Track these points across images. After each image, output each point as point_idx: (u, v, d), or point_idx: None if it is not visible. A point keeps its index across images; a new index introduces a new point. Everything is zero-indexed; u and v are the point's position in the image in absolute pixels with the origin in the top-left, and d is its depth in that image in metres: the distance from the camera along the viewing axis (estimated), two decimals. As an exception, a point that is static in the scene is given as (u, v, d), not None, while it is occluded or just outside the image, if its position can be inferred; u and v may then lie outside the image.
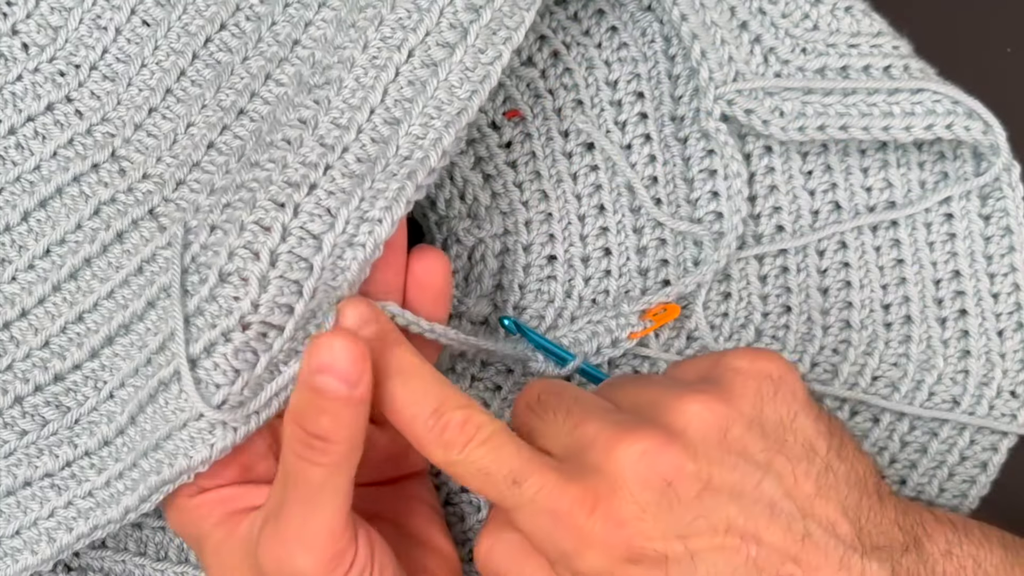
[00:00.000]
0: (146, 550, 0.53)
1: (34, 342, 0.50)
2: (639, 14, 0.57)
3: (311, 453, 0.43)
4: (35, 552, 0.48)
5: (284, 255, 0.44)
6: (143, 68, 0.52)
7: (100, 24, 0.52)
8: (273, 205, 0.45)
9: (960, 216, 0.55)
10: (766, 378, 0.46)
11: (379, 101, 0.46)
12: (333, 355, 0.42)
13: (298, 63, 0.51)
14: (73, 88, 0.52)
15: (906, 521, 0.47)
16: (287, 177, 0.45)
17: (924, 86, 0.53)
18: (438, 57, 0.46)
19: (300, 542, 0.44)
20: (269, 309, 0.44)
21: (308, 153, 0.45)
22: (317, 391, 0.42)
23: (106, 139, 0.51)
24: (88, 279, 0.50)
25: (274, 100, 0.51)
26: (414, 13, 0.47)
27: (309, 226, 0.44)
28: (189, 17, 0.52)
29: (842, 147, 0.56)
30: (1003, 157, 0.53)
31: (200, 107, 0.51)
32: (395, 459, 0.51)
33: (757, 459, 0.44)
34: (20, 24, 0.51)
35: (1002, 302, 0.55)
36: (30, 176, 0.51)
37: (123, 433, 0.48)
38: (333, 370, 0.42)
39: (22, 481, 0.49)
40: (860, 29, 0.54)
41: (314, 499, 0.43)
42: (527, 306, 0.56)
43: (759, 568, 0.44)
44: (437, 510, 0.52)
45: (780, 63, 0.55)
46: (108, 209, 0.51)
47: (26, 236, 0.51)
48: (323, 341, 0.42)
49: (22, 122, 0.51)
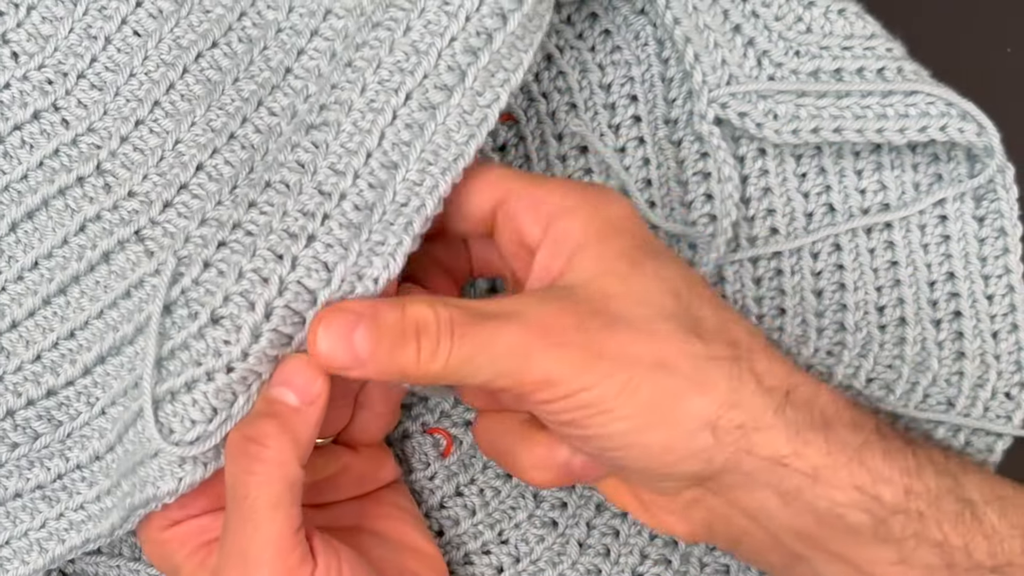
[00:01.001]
0: (141, 555, 0.54)
1: (26, 355, 0.50)
2: (632, 17, 0.57)
3: (245, 460, 0.43)
4: (26, 562, 0.48)
5: (279, 309, 0.44)
6: (131, 78, 0.52)
7: (91, 33, 0.52)
8: (272, 256, 0.45)
9: (954, 218, 0.55)
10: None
11: (376, 145, 0.46)
12: (294, 373, 0.44)
13: (291, 94, 0.51)
14: (60, 96, 0.51)
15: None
16: (286, 226, 0.45)
17: (918, 88, 0.53)
18: (436, 100, 0.46)
19: (245, 563, 0.43)
20: (258, 359, 0.44)
21: (307, 201, 0.45)
22: (269, 401, 0.44)
23: (91, 150, 0.51)
24: (77, 296, 0.50)
25: (266, 129, 0.50)
26: (412, 56, 0.46)
27: (305, 281, 0.44)
28: (182, 31, 0.52)
29: (836, 149, 0.56)
30: (997, 159, 0.53)
31: (189, 124, 0.51)
32: (368, 476, 0.52)
33: None
34: (10, 33, 0.51)
35: (997, 304, 0.55)
36: (18, 185, 0.51)
37: (112, 450, 0.48)
38: (292, 384, 0.44)
39: (12, 492, 0.49)
40: (853, 32, 0.54)
41: (252, 515, 0.43)
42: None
43: None
44: (415, 514, 0.53)
45: (774, 66, 0.55)
46: (94, 227, 0.51)
47: (14, 247, 0.51)
48: (290, 359, 0.44)
49: (9, 130, 0.51)
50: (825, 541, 0.45)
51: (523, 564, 0.55)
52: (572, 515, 0.56)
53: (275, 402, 0.44)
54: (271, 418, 0.43)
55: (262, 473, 0.43)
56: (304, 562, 0.44)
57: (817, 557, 0.46)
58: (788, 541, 0.45)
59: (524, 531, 0.55)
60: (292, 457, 0.43)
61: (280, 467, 0.43)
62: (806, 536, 0.45)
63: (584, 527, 0.55)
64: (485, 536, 0.55)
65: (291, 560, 0.44)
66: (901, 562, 0.45)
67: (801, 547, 0.45)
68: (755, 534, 0.46)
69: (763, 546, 0.46)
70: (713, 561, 0.56)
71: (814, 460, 0.44)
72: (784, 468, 0.44)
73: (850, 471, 0.44)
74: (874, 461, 0.44)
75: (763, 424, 0.43)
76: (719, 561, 0.56)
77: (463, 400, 0.53)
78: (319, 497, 0.50)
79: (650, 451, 0.44)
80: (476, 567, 0.55)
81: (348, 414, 0.50)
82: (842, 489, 0.44)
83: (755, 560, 0.49)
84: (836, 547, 0.45)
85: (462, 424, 0.56)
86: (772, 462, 0.44)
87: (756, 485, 0.44)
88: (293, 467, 0.43)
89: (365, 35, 0.48)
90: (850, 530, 0.44)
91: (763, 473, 0.44)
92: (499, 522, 0.56)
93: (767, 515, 0.45)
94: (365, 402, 0.50)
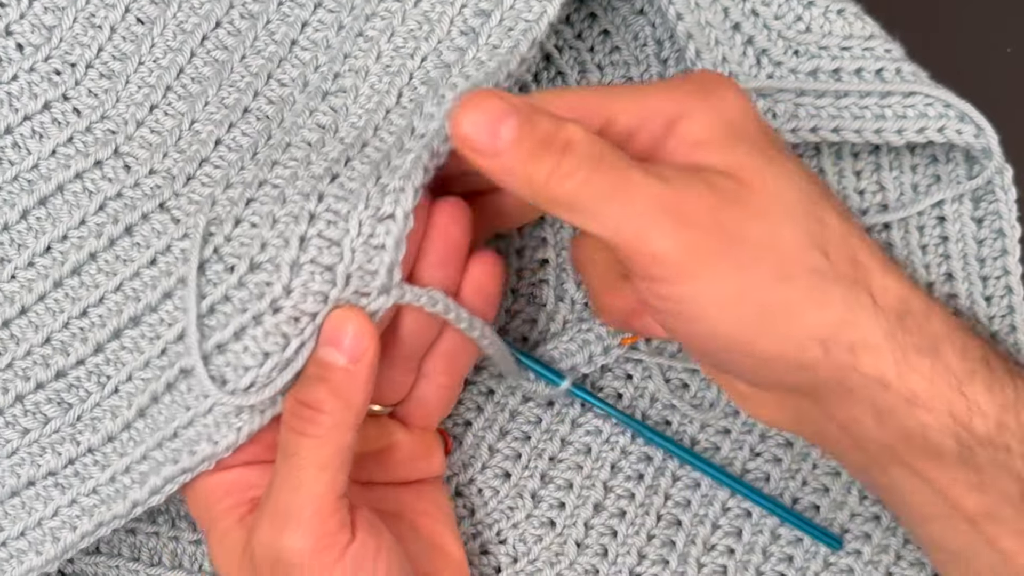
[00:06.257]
0: (140, 555, 0.54)
1: (35, 339, 0.50)
2: (631, 18, 0.57)
3: (299, 423, 0.44)
4: (40, 552, 0.48)
5: (314, 239, 0.44)
6: (141, 66, 0.52)
7: (94, 23, 0.52)
8: (301, 197, 0.45)
9: (953, 219, 0.55)
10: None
11: (395, 103, 0.47)
12: (342, 330, 0.44)
13: (300, 65, 0.51)
14: (70, 87, 0.52)
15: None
16: (311, 172, 0.46)
17: (916, 89, 0.53)
18: (450, 59, 0.47)
19: (285, 519, 0.44)
20: (302, 295, 0.44)
21: (330, 152, 0.47)
22: (320, 363, 0.44)
23: (107, 136, 0.52)
24: (93, 273, 0.51)
25: (278, 100, 0.51)
26: (424, 24, 0.48)
27: (335, 207, 0.45)
28: (184, 15, 0.53)
29: (835, 150, 0.56)
30: (995, 160, 0.53)
31: (203, 104, 0.52)
32: (416, 461, 0.52)
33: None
34: (14, 25, 0.52)
35: (995, 305, 0.55)
36: (28, 175, 0.52)
37: (129, 427, 0.49)
38: (339, 343, 0.44)
39: (26, 481, 0.49)
40: (852, 32, 0.54)
41: (299, 473, 0.44)
42: (519, 310, 0.56)
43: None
44: (450, 515, 0.53)
45: (773, 65, 0.54)
46: (114, 204, 0.51)
47: (25, 234, 0.51)
48: (334, 315, 0.44)
49: (19, 121, 0.52)
50: (909, 457, 0.45)
51: (521, 564, 0.55)
52: (570, 515, 0.56)
53: (324, 364, 0.44)
54: (322, 383, 0.44)
55: (314, 436, 0.44)
56: (342, 530, 0.44)
57: (897, 469, 0.46)
58: (872, 450, 0.46)
59: (522, 531, 0.56)
60: (345, 421, 0.44)
61: (333, 430, 0.44)
62: (890, 449, 0.45)
63: (582, 527, 0.56)
64: (484, 536, 0.55)
65: (330, 524, 0.44)
66: (979, 487, 0.45)
67: (884, 457, 0.46)
68: (841, 440, 0.46)
69: (846, 449, 0.47)
70: (711, 562, 0.56)
71: (916, 384, 0.44)
72: (885, 389, 0.44)
73: (949, 399, 0.44)
74: (974, 392, 0.44)
75: (873, 344, 0.43)
76: (716, 562, 0.56)
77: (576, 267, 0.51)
78: (364, 473, 0.50)
79: (754, 359, 0.43)
80: (475, 567, 0.55)
81: (409, 382, 0.50)
82: (936, 414, 0.44)
83: (834, 456, 0.49)
84: (919, 464, 0.45)
85: (462, 424, 0.56)
86: (875, 382, 0.43)
87: (855, 401, 0.44)
88: (346, 432, 0.44)
89: (374, 6, 0.49)
90: (935, 452, 0.44)
91: (864, 391, 0.44)
92: (497, 522, 0.56)
93: (859, 427, 0.45)
94: (429, 371, 0.50)
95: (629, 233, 0.41)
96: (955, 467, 0.45)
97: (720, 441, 0.57)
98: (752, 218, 0.42)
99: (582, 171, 0.41)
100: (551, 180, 0.41)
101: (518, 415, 0.56)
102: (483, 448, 0.56)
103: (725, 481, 0.55)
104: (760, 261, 0.42)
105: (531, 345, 0.56)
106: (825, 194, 0.45)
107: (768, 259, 0.42)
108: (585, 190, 0.41)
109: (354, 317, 0.44)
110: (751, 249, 0.42)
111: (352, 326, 0.44)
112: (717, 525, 0.56)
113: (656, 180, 0.41)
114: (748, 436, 0.57)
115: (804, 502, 0.57)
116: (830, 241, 0.43)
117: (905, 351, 0.44)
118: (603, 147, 0.41)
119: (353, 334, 0.44)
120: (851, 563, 0.56)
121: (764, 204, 0.42)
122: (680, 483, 0.56)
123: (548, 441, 0.56)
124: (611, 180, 0.41)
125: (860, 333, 0.43)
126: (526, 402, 0.56)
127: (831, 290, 0.43)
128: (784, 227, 0.42)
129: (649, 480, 0.56)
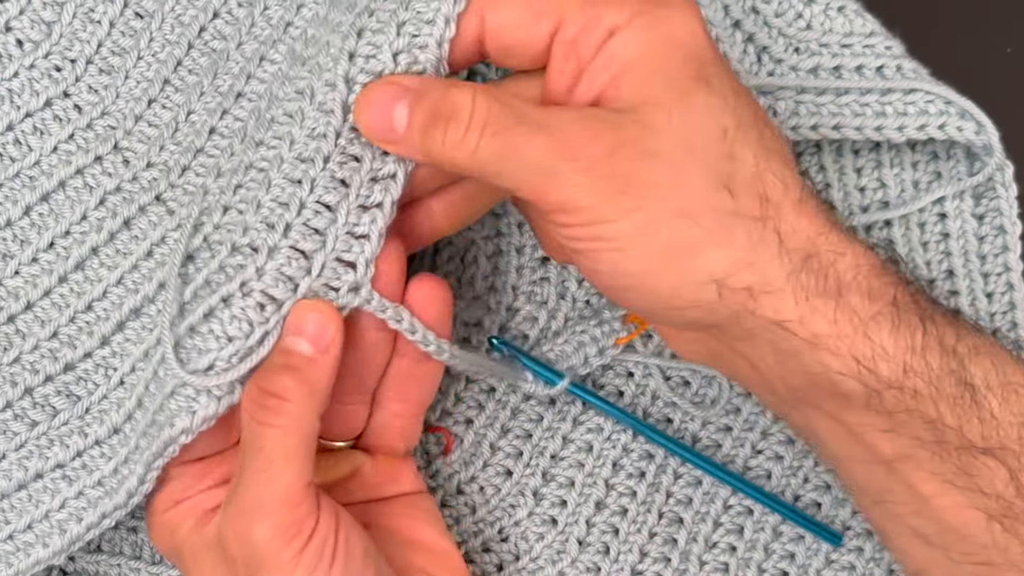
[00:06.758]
0: (141, 554, 0.54)
1: (41, 334, 0.50)
2: (632, 15, 0.57)
3: (263, 413, 0.44)
4: (47, 545, 0.48)
5: (298, 226, 0.44)
6: (140, 60, 0.52)
7: (93, 18, 0.52)
8: (288, 183, 0.45)
9: (954, 216, 0.55)
10: None
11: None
12: (309, 320, 0.44)
13: (290, 41, 0.52)
14: (70, 83, 0.52)
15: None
16: (298, 153, 0.45)
17: (917, 86, 0.53)
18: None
19: (255, 511, 0.44)
20: (273, 279, 0.44)
21: (313, 125, 0.45)
22: (285, 352, 0.44)
23: (107, 132, 0.52)
24: (96, 268, 0.51)
25: (269, 78, 0.51)
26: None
27: (325, 198, 0.44)
28: (182, 7, 0.53)
29: (836, 147, 0.56)
30: (996, 157, 0.53)
31: (199, 95, 0.52)
32: (382, 485, 0.51)
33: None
34: (13, 21, 0.52)
35: (996, 301, 0.55)
36: (30, 171, 0.52)
37: (131, 418, 0.49)
38: (305, 333, 0.44)
39: (33, 474, 0.49)
40: (853, 29, 0.54)
41: (268, 466, 0.44)
42: (520, 308, 0.56)
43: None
44: (430, 512, 0.52)
45: (773, 62, 0.55)
46: (114, 198, 0.51)
47: (28, 230, 0.51)
48: (302, 305, 0.44)
49: (20, 118, 0.52)
50: (817, 400, 0.45)
51: (523, 562, 0.55)
52: (572, 513, 0.56)
53: (290, 353, 0.44)
54: (287, 371, 0.44)
55: (279, 426, 0.44)
56: (310, 516, 0.44)
57: (811, 411, 0.46)
58: (782, 391, 0.46)
59: (524, 529, 0.55)
60: (309, 410, 0.44)
61: (297, 420, 0.44)
62: (799, 392, 0.45)
63: (584, 525, 0.56)
64: (485, 534, 0.55)
65: (299, 512, 0.44)
66: (891, 430, 0.45)
67: (794, 399, 0.46)
68: (753, 377, 0.46)
69: (760, 387, 0.47)
70: (713, 559, 0.56)
71: (817, 327, 0.43)
72: (784, 331, 0.43)
73: (852, 342, 0.43)
74: (879, 335, 0.43)
75: (773, 287, 0.43)
76: (718, 559, 0.56)
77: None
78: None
79: (656, 295, 0.43)
80: (476, 564, 0.55)
81: (364, 414, 0.50)
82: (840, 357, 0.43)
83: (755, 393, 0.49)
84: (827, 407, 0.45)
85: (463, 422, 0.56)
86: (773, 324, 0.43)
87: (757, 343, 0.44)
88: (310, 420, 0.44)
89: None
90: (842, 396, 0.44)
91: (763, 332, 0.44)
92: (499, 520, 0.56)
93: (766, 367, 0.45)
94: (381, 400, 0.50)
95: (529, 186, 0.42)
96: (864, 411, 0.44)
97: (722, 438, 0.57)
98: (650, 157, 0.42)
99: (470, 136, 0.42)
100: (446, 150, 0.42)
101: (520, 413, 0.56)
102: (485, 446, 0.56)
103: (726, 479, 0.55)
104: (661, 200, 0.42)
105: (532, 343, 0.56)
106: (749, 126, 0.43)
107: (669, 198, 0.42)
108: (480, 154, 0.42)
109: (322, 307, 0.44)
110: (651, 189, 0.42)
111: (320, 316, 0.44)
112: (719, 522, 0.56)
113: (545, 130, 0.42)
114: (750, 433, 0.57)
115: (806, 499, 0.57)
116: (738, 179, 0.43)
117: (807, 294, 0.43)
118: (491, 106, 0.42)
119: (321, 324, 0.44)
120: (853, 560, 0.56)
121: (664, 143, 0.42)
122: (682, 480, 0.56)
123: (550, 439, 0.56)
124: (502, 140, 0.42)
125: (760, 275, 0.43)
126: (528, 400, 0.56)
127: (734, 229, 0.42)
128: (687, 166, 0.42)
129: (651, 478, 0.56)
